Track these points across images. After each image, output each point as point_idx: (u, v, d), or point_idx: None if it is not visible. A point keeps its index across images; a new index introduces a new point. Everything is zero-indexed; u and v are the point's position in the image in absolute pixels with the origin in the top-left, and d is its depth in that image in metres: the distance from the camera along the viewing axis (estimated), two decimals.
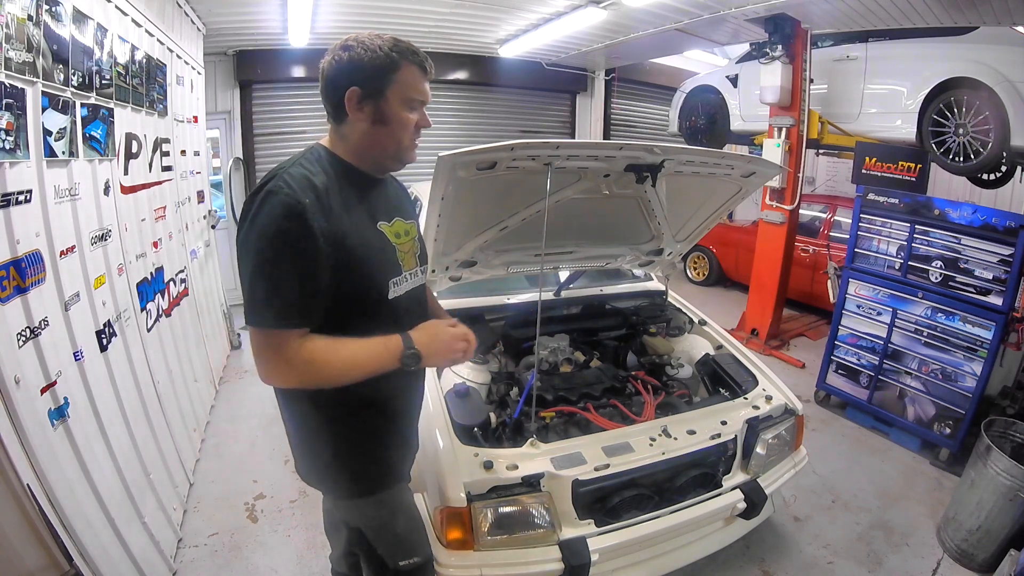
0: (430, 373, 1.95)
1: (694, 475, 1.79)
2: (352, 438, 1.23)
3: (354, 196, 1.12)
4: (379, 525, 1.36)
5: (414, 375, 1.27)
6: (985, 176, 4.25)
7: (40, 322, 1.47)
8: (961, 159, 3.63)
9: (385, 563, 1.37)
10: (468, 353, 1.22)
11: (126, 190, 2.24)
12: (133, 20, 2.34)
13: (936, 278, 2.97)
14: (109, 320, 1.90)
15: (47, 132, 1.56)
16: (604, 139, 6.89)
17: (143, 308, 2.29)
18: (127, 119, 2.25)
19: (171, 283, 2.79)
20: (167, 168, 2.87)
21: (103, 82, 1.97)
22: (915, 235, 3.04)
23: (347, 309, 1.08)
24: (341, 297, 1.07)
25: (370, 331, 1.08)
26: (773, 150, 4.19)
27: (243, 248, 1.01)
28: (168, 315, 2.65)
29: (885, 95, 4.10)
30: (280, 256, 0.99)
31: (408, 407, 1.35)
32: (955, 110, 3.59)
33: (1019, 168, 4.07)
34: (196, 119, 3.64)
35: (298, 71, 5.16)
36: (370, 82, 1.07)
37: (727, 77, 5.31)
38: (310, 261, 1.00)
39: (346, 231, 1.06)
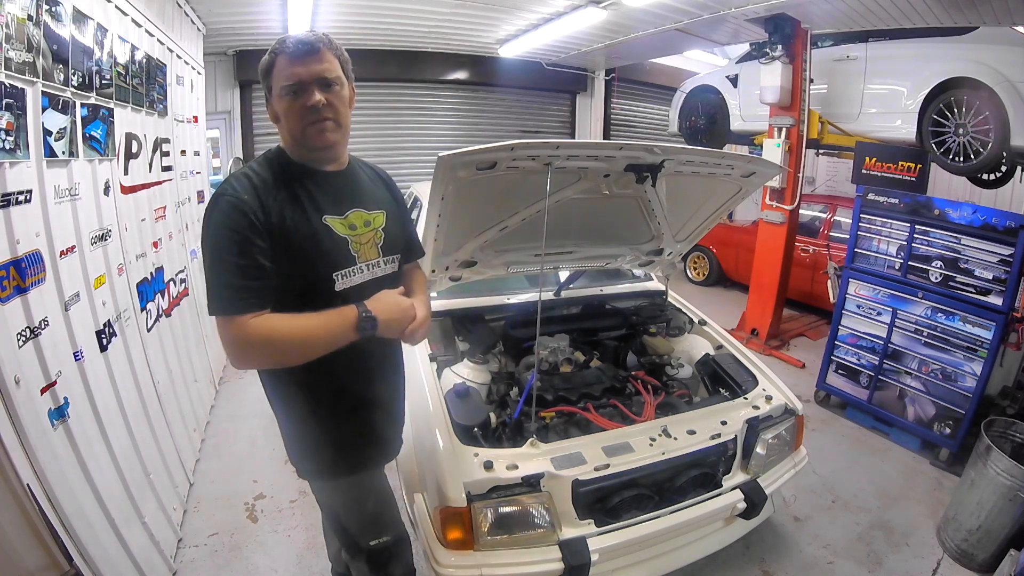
0: (427, 372, 1.95)
1: (694, 475, 1.79)
2: (323, 423, 1.29)
3: (300, 191, 1.17)
4: (350, 505, 1.41)
5: (383, 362, 1.35)
6: (985, 176, 4.26)
7: (40, 322, 1.47)
8: (961, 159, 3.63)
9: (358, 543, 1.44)
10: (421, 324, 1.25)
11: (126, 190, 2.24)
12: (133, 20, 2.34)
13: (936, 278, 2.97)
14: (109, 320, 1.90)
15: (47, 132, 1.56)
16: (604, 139, 6.90)
17: (143, 308, 2.29)
18: (127, 119, 2.25)
19: (171, 283, 2.79)
20: (167, 168, 2.87)
21: (103, 82, 1.97)
22: (915, 235, 3.04)
23: (298, 300, 1.13)
24: (291, 288, 1.13)
25: None
26: (773, 150, 4.19)
27: (202, 247, 1.13)
28: (168, 315, 2.65)
29: (885, 95, 4.10)
30: (226, 249, 1.06)
31: (377, 395, 1.37)
32: (955, 110, 3.59)
33: (1019, 168, 4.07)
34: (196, 119, 3.64)
35: None
36: (264, 85, 1.18)
37: (727, 77, 5.31)
38: (253, 250, 1.07)
39: (287, 225, 1.12)
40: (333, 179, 1.24)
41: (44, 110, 1.54)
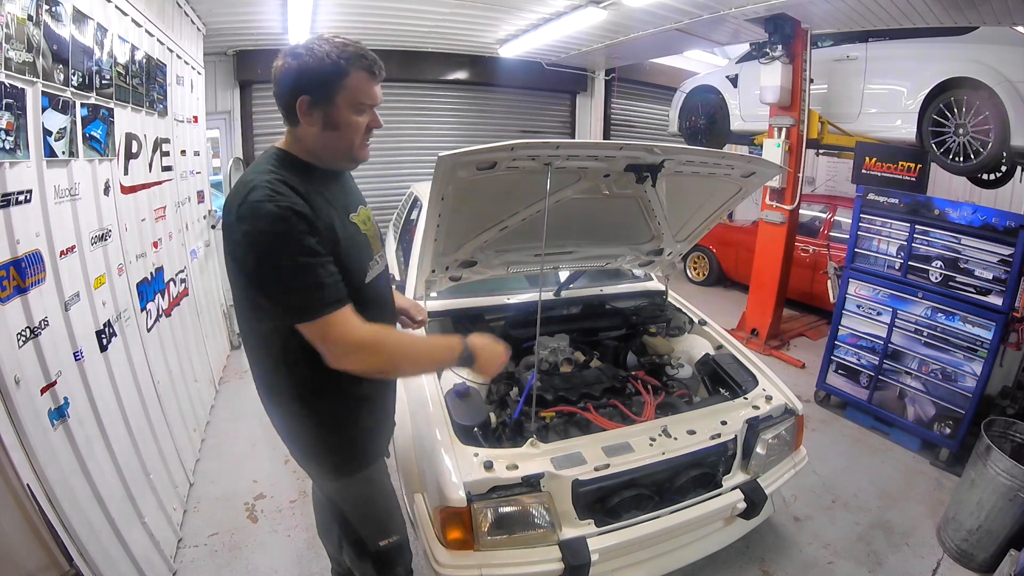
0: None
1: (694, 475, 1.79)
2: (337, 419, 1.28)
3: (326, 193, 1.18)
4: (362, 502, 1.43)
5: None
6: (985, 176, 4.25)
7: (40, 322, 1.47)
8: (961, 159, 3.62)
9: (366, 545, 1.46)
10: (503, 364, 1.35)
11: (126, 190, 2.24)
12: (133, 20, 2.34)
13: (936, 278, 2.97)
14: (109, 320, 1.90)
15: (47, 132, 1.56)
16: (604, 139, 6.90)
17: (143, 308, 2.29)
18: (127, 119, 2.25)
19: (171, 283, 2.79)
20: (167, 168, 2.87)
21: (103, 82, 1.97)
22: (915, 235, 3.04)
23: None
24: None
25: None
26: (773, 150, 4.19)
27: (256, 263, 1.05)
28: (168, 315, 2.65)
29: (885, 95, 4.10)
30: (295, 252, 1.03)
31: (386, 389, 1.43)
32: (955, 110, 3.58)
33: (1019, 168, 4.07)
34: (196, 119, 3.64)
35: None
36: (319, 90, 1.10)
37: (727, 77, 5.31)
38: (321, 249, 1.07)
39: (332, 225, 1.13)
40: (342, 180, 1.29)
41: (44, 110, 1.54)
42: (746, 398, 2.05)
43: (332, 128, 1.14)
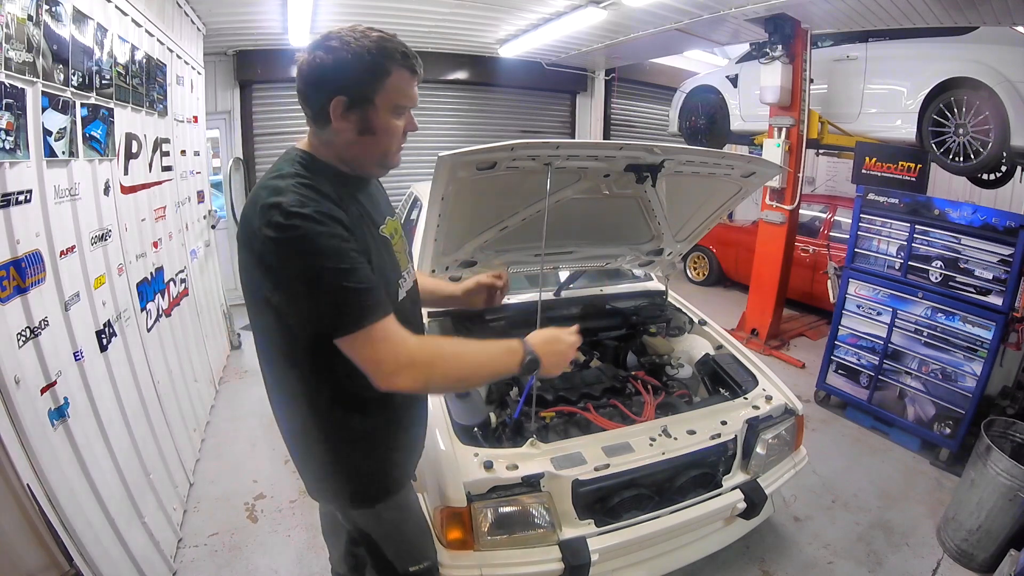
0: None
1: (694, 475, 1.79)
2: (366, 443, 1.16)
3: (355, 202, 1.07)
4: (392, 529, 1.30)
5: None
6: (985, 176, 4.25)
7: (40, 322, 1.47)
8: (961, 159, 3.62)
9: (395, 568, 1.32)
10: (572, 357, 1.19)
11: (126, 190, 2.24)
12: (133, 20, 2.34)
13: (936, 278, 2.97)
14: (109, 320, 1.90)
15: (47, 132, 1.56)
16: (604, 139, 6.90)
17: (143, 308, 2.29)
18: (127, 119, 2.25)
19: (171, 283, 2.79)
20: (167, 168, 2.87)
21: (103, 82, 1.97)
22: (915, 235, 3.03)
23: None
24: None
25: None
26: (773, 150, 4.19)
27: (298, 278, 0.93)
28: (168, 315, 2.65)
29: (885, 95, 4.10)
30: (338, 261, 0.93)
31: (420, 407, 1.31)
32: (955, 110, 3.58)
33: (1019, 168, 4.07)
34: (196, 119, 3.64)
35: None
36: (357, 90, 0.98)
37: (727, 77, 5.31)
38: (360, 256, 0.97)
39: (363, 236, 1.02)
40: (371, 188, 1.17)
41: (44, 110, 1.54)
42: (746, 398, 2.05)
43: (369, 132, 1.02)
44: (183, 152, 3.24)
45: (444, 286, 1.58)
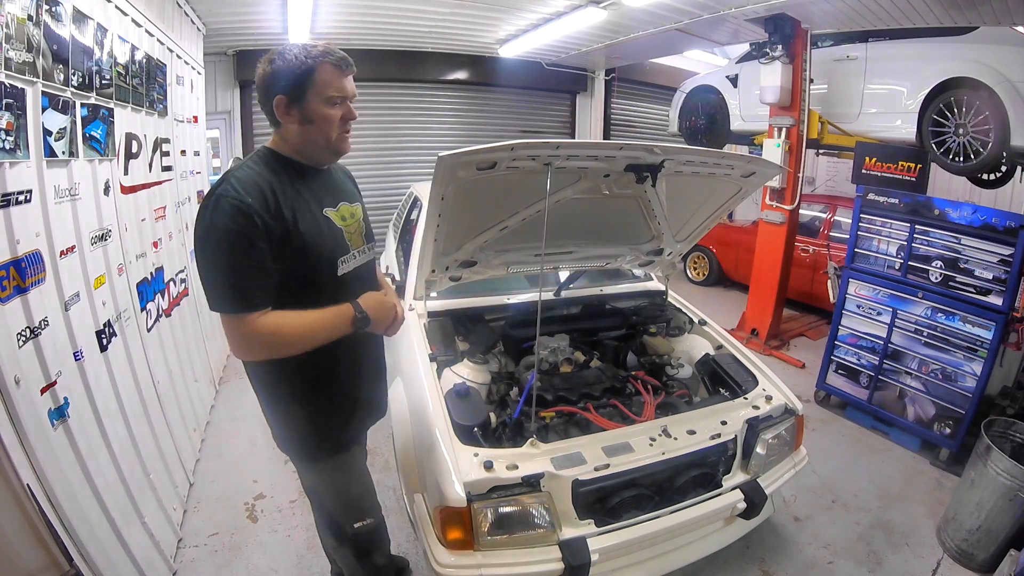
0: (427, 372, 1.96)
1: (694, 475, 1.79)
2: (308, 405, 1.37)
3: (301, 188, 1.27)
4: (335, 489, 1.51)
5: (359, 342, 1.40)
6: (985, 176, 4.26)
7: (40, 322, 1.47)
8: (961, 159, 3.62)
9: (343, 528, 1.54)
10: (400, 318, 1.43)
11: (126, 190, 2.24)
12: (133, 20, 2.34)
13: (936, 278, 2.97)
14: (109, 320, 1.90)
15: (47, 132, 1.56)
16: (604, 139, 6.90)
17: (143, 308, 2.29)
18: (127, 119, 2.25)
19: (171, 283, 2.79)
20: (167, 168, 2.87)
21: (103, 82, 1.97)
22: (915, 235, 3.04)
23: (303, 286, 1.24)
24: (297, 276, 1.22)
25: (323, 304, 1.24)
26: (773, 150, 4.19)
27: (201, 246, 1.16)
28: (168, 315, 2.66)
29: (885, 95, 4.10)
30: (232, 251, 1.12)
31: (357, 372, 1.46)
32: (955, 110, 3.58)
33: (1019, 168, 4.07)
34: (196, 119, 3.64)
35: None
36: (292, 88, 1.20)
37: (727, 77, 5.31)
38: (259, 253, 1.14)
39: (295, 220, 1.20)
40: (323, 176, 1.36)
41: (44, 110, 1.54)
42: (746, 398, 2.05)
43: (308, 122, 1.23)
44: (183, 152, 3.24)
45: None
